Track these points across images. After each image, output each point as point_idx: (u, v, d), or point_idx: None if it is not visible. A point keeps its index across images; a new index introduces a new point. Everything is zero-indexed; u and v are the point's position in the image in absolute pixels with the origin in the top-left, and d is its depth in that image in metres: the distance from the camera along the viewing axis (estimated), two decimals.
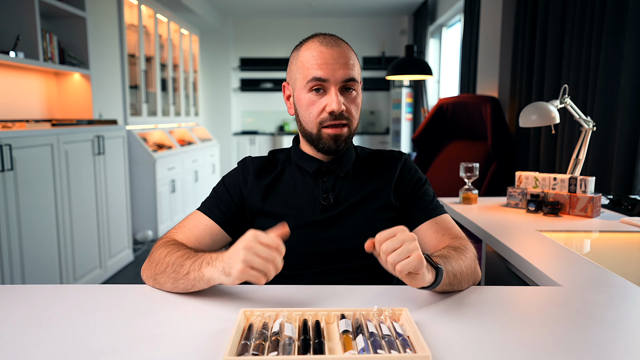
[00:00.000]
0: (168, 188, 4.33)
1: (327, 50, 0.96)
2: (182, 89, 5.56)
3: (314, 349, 0.63)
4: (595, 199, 1.55)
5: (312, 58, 0.96)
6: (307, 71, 0.97)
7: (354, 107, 0.99)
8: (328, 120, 0.97)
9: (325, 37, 0.99)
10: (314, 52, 0.97)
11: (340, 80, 0.96)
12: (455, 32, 5.18)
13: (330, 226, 1.00)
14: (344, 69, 0.96)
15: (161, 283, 0.87)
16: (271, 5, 6.26)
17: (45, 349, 0.66)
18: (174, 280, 0.85)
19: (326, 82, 0.96)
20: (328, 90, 0.96)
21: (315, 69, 0.95)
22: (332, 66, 0.95)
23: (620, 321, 0.76)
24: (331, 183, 1.04)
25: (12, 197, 2.21)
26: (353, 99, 0.99)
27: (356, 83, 0.99)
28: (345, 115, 0.98)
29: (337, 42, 0.99)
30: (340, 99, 0.96)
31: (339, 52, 0.97)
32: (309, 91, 0.98)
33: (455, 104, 3.25)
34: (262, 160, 1.08)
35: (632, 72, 1.93)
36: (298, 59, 1.00)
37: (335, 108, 0.95)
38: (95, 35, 3.55)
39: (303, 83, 0.98)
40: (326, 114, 0.97)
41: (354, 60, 0.99)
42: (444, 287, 0.83)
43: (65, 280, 2.61)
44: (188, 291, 0.85)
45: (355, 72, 0.98)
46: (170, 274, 0.85)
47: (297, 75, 1.00)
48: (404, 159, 1.09)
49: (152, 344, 0.67)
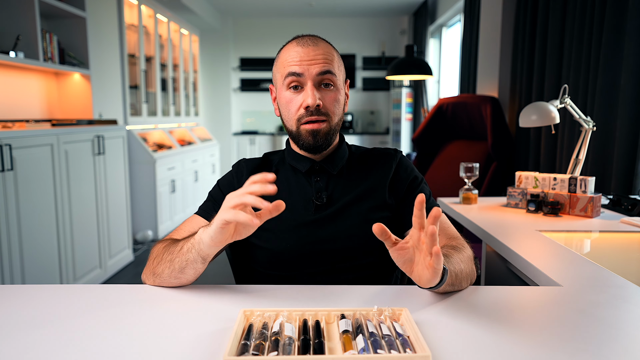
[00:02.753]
0: (168, 188, 4.33)
1: (302, 49, 0.97)
2: (182, 89, 5.56)
3: (314, 349, 0.63)
4: (595, 199, 1.55)
5: (289, 57, 0.98)
6: (284, 69, 0.98)
7: (333, 102, 0.99)
8: (305, 116, 0.97)
9: (303, 38, 1.00)
10: (291, 51, 0.98)
11: (315, 74, 0.96)
12: (455, 32, 5.18)
13: (324, 226, 0.99)
14: (319, 63, 0.96)
15: (159, 273, 0.88)
16: (271, 5, 6.26)
17: (45, 349, 0.66)
18: (170, 263, 0.86)
19: (302, 77, 0.96)
20: (305, 86, 0.97)
21: (291, 65, 0.97)
22: (307, 62, 0.96)
23: (620, 321, 0.76)
24: (324, 182, 1.03)
25: (12, 197, 2.21)
26: (332, 95, 0.98)
27: (334, 77, 0.98)
28: (323, 111, 0.97)
29: (315, 41, 0.99)
30: (316, 94, 0.96)
31: (315, 49, 0.97)
32: (287, 89, 0.99)
33: (455, 104, 3.25)
34: (257, 162, 1.08)
35: (632, 72, 1.93)
36: (278, 61, 1.01)
37: (310, 102, 0.95)
38: (95, 35, 3.55)
39: (282, 81, 0.99)
40: (303, 110, 0.97)
41: (332, 56, 0.99)
42: (447, 287, 0.83)
43: (65, 280, 2.61)
44: (184, 273, 0.85)
45: (333, 66, 0.98)
46: (166, 257, 0.87)
47: (277, 75, 1.02)
48: (399, 156, 1.09)
49: (152, 344, 0.67)
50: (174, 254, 0.85)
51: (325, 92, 0.98)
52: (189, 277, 0.87)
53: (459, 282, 0.86)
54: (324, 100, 0.97)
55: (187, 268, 0.85)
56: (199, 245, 0.81)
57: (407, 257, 0.76)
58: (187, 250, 0.83)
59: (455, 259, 0.86)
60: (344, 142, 1.09)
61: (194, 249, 0.82)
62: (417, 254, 0.75)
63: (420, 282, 0.76)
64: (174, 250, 0.86)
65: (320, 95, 0.97)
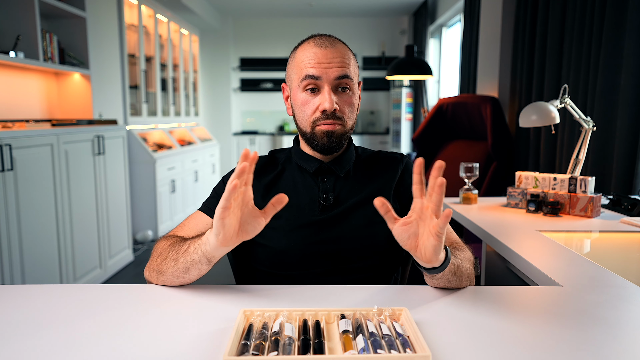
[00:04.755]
0: (168, 188, 4.33)
1: (320, 51, 0.96)
2: (182, 89, 5.56)
3: (314, 349, 0.63)
4: (595, 199, 1.55)
5: (306, 58, 0.97)
6: (301, 71, 0.97)
7: (348, 107, 0.99)
8: (321, 119, 0.97)
9: (320, 38, 0.99)
10: (309, 52, 0.97)
11: (333, 78, 0.96)
12: (455, 32, 5.18)
13: (329, 227, 0.99)
14: (337, 67, 0.96)
15: (163, 271, 0.87)
16: (271, 5, 6.26)
17: (45, 349, 0.66)
18: (174, 262, 0.85)
19: (319, 80, 0.96)
20: (322, 89, 0.97)
21: (309, 68, 0.96)
22: (325, 65, 0.95)
23: (620, 321, 0.76)
24: (331, 183, 1.03)
25: (12, 197, 2.21)
26: (347, 99, 0.98)
27: (351, 81, 0.98)
28: (339, 115, 0.97)
29: (332, 42, 0.98)
30: (333, 98, 0.96)
31: (333, 51, 0.97)
32: (303, 90, 0.98)
33: (455, 104, 3.25)
34: (263, 160, 1.08)
35: (632, 72, 1.93)
36: (294, 60, 1.00)
37: (328, 107, 0.95)
38: (95, 35, 3.55)
39: (298, 82, 0.99)
40: (319, 113, 0.97)
41: (349, 59, 0.98)
42: (449, 277, 0.83)
43: (65, 280, 2.61)
44: (188, 273, 0.85)
45: (350, 71, 0.97)
46: (171, 256, 0.86)
47: (292, 75, 1.01)
48: (405, 161, 1.09)
49: (152, 343, 0.67)
50: (180, 253, 0.85)
51: (341, 95, 0.98)
52: (191, 277, 0.87)
53: (460, 276, 0.86)
54: (340, 104, 0.97)
55: (192, 269, 0.84)
56: (205, 246, 0.81)
57: (412, 231, 0.76)
58: (193, 251, 0.83)
59: (457, 255, 0.88)
60: (352, 145, 1.10)
61: (200, 250, 0.82)
62: (422, 225, 0.76)
63: (426, 255, 0.76)
64: (179, 249, 0.86)
65: (337, 99, 0.97)
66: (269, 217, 0.77)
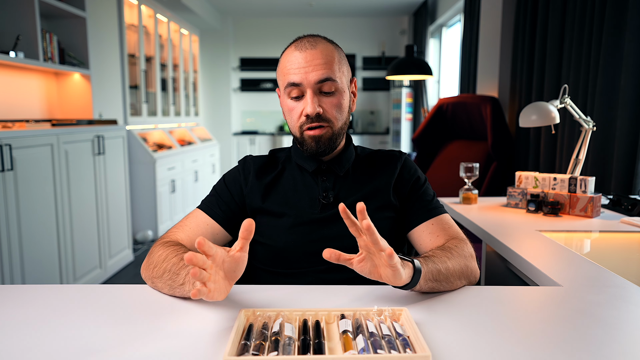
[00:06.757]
0: (168, 188, 4.33)
1: (300, 55, 0.96)
2: (182, 89, 5.56)
3: (314, 349, 0.63)
4: (595, 199, 1.55)
5: (288, 63, 0.97)
6: (284, 77, 0.98)
7: (335, 108, 0.98)
8: (306, 123, 0.97)
9: (301, 41, 0.98)
10: (290, 57, 0.97)
11: (314, 82, 0.95)
12: (455, 32, 5.18)
13: (329, 225, 1.00)
14: (317, 70, 0.95)
15: (159, 287, 0.88)
16: (271, 5, 6.26)
17: (45, 349, 0.66)
18: (170, 288, 0.85)
19: (301, 86, 0.96)
20: (305, 94, 0.97)
21: (290, 74, 0.96)
22: (305, 69, 0.95)
23: (619, 321, 0.76)
24: (331, 182, 1.04)
25: (12, 197, 2.21)
26: (333, 100, 0.97)
27: (334, 83, 0.96)
28: (324, 117, 0.97)
29: (314, 43, 0.97)
30: (315, 101, 0.95)
31: (313, 54, 0.95)
32: (288, 97, 0.99)
33: (455, 104, 3.25)
34: (263, 159, 1.08)
35: (632, 72, 1.93)
36: (279, 67, 1.01)
37: (310, 111, 0.95)
38: (95, 35, 3.55)
39: (283, 90, 0.99)
40: (304, 117, 0.97)
41: (332, 58, 0.97)
42: (431, 284, 0.83)
43: (65, 280, 2.61)
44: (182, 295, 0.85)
45: (332, 71, 0.96)
46: (166, 281, 0.85)
47: (279, 82, 1.02)
48: (404, 158, 1.09)
49: (152, 344, 0.67)
50: (175, 284, 0.83)
51: (326, 97, 0.97)
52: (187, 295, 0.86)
53: (446, 278, 0.85)
54: (324, 106, 0.97)
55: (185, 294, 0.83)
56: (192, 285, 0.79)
57: (370, 266, 0.77)
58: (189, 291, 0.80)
59: (440, 258, 0.87)
60: (351, 144, 1.10)
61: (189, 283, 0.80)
62: (376, 258, 0.76)
63: (390, 281, 0.77)
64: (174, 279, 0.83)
65: (321, 101, 0.97)
66: (246, 249, 0.74)
